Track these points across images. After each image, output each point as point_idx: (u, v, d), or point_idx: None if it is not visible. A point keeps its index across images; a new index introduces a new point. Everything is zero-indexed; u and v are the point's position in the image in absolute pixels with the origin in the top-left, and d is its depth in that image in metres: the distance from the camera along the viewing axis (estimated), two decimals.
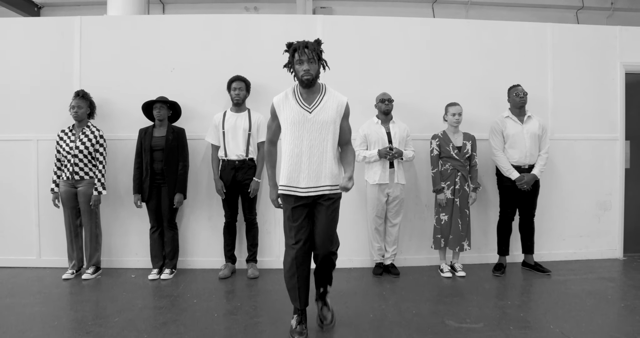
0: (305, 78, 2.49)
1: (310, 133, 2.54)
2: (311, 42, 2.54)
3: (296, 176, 2.57)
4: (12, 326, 2.82)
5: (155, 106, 3.87)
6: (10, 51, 4.24)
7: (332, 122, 2.56)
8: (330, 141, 2.57)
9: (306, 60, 2.47)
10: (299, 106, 2.57)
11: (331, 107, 2.57)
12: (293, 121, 2.56)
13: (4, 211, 4.22)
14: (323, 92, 2.62)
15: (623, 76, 4.53)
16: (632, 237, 4.61)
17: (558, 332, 2.73)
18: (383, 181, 3.88)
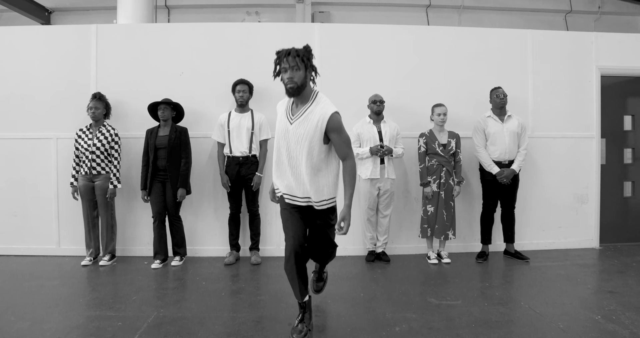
0: (289, 86, 2.37)
1: (288, 144, 2.46)
2: (298, 49, 2.40)
3: (279, 183, 2.59)
4: (42, 302, 3.18)
5: (160, 107, 4.17)
6: (32, 57, 4.59)
7: (306, 138, 2.39)
8: (305, 156, 2.42)
9: (289, 67, 2.35)
10: (284, 116, 2.51)
11: (311, 121, 2.40)
12: (278, 130, 2.52)
13: (26, 203, 4.58)
14: (311, 102, 2.46)
15: (599, 78, 4.87)
16: (607, 228, 4.95)
17: (527, 307, 3.08)
18: (374, 176, 4.19)
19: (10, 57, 4.60)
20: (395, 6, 8.48)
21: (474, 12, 8.67)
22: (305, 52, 2.40)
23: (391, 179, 4.26)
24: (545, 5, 8.79)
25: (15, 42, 4.62)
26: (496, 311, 3.01)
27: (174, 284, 3.64)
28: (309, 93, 2.46)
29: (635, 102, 5.08)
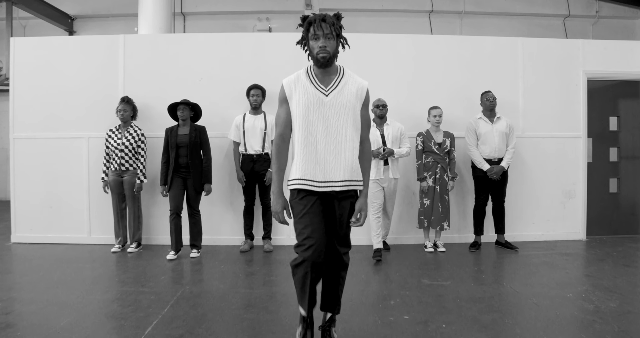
0: (321, 56, 2.16)
1: (326, 119, 2.21)
2: (329, 15, 2.19)
3: (312, 169, 2.22)
4: (83, 280, 3.66)
5: (179, 107, 4.45)
6: (66, 64, 5.08)
7: (351, 107, 2.23)
8: (349, 128, 2.23)
9: (322, 35, 2.15)
10: (314, 87, 2.24)
11: (350, 91, 2.25)
12: (307, 103, 2.22)
13: (60, 196, 5.07)
14: (341, 74, 2.29)
15: (585, 82, 5.25)
16: (594, 222, 5.32)
17: (509, 287, 3.49)
18: (378, 177, 4.37)
19: (47, 64, 5.09)
20: (399, 12, 8.89)
21: (475, 17, 9.05)
22: (337, 20, 2.21)
23: (395, 179, 4.49)
24: (544, 10, 9.14)
25: (51, 51, 5.12)
26: (480, 289, 3.42)
27: (196, 267, 4.10)
28: (335, 66, 2.30)
29: (620, 105, 5.44)
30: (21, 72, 5.11)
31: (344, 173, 2.22)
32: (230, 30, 8.69)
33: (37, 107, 5.08)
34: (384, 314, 2.92)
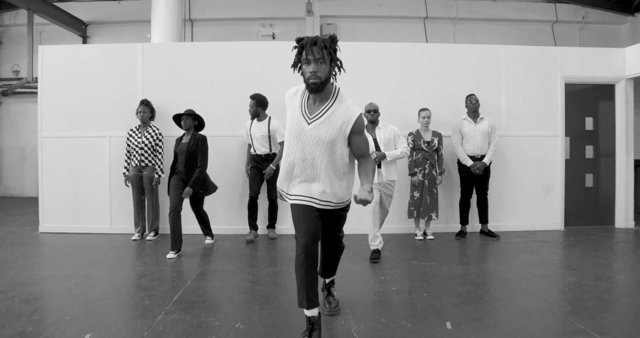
0: (312, 82, 2.16)
1: (304, 146, 2.27)
2: (322, 38, 2.16)
3: (287, 184, 2.43)
4: (111, 261, 4.16)
5: (183, 117, 4.61)
6: (90, 69, 5.58)
7: (329, 142, 2.24)
8: (325, 159, 2.26)
9: (313, 60, 2.14)
10: (300, 112, 2.28)
11: (334, 123, 2.23)
12: (290, 128, 2.32)
13: (84, 190, 5.57)
14: (332, 101, 2.26)
15: (563, 86, 5.74)
16: (571, 213, 5.81)
17: (485, 266, 3.99)
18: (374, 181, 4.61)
19: (72, 70, 5.59)
20: (396, 18, 9.39)
21: (467, 23, 9.54)
22: (331, 43, 2.19)
23: (390, 181, 4.41)
24: (534, 16, 9.62)
25: (75, 57, 5.62)
26: (460, 269, 3.92)
27: (209, 251, 4.60)
28: (330, 90, 2.27)
29: (595, 106, 5.93)
30: (48, 77, 5.61)
31: (321, 195, 2.33)
32: (235, 35, 9.23)
33: (63, 108, 5.58)
34: (374, 286, 3.42)
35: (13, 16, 9.63)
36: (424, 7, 9.33)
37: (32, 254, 4.51)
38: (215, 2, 9.31)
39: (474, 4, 9.49)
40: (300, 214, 2.35)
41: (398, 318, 2.76)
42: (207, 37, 9.28)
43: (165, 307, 2.98)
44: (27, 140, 9.79)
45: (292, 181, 2.39)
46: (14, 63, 9.78)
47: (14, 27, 9.75)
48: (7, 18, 9.66)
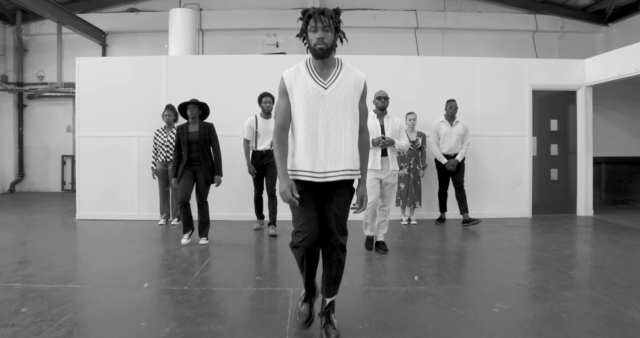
0: (319, 47, 2.26)
1: (326, 112, 2.31)
2: (328, 9, 2.28)
3: (312, 160, 2.33)
4: (143, 241, 5.03)
5: (189, 106, 4.74)
6: (121, 78, 6.46)
7: (350, 100, 2.35)
8: (349, 120, 2.35)
9: (321, 27, 2.25)
10: (313, 81, 2.34)
11: (349, 84, 2.35)
12: (307, 97, 2.32)
13: (115, 183, 6.44)
14: (339, 67, 2.39)
15: (530, 92, 6.61)
16: (538, 203, 6.69)
17: (454, 243, 4.86)
18: (375, 167, 4.30)
19: (105, 78, 6.47)
20: (389, 28, 10.25)
21: (455, 32, 10.40)
22: (336, 14, 2.31)
23: (393, 171, 4.43)
24: (516, 26, 10.47)
25: (108, 68, 6.50)
26: (433, 244, 4.80)
27: (224, 234, 5.46)
28: (334, 58, 2.39)
29: (559, 110, 6.81)
30: (84, 85, 6.48)
31: (344, 162, 2.32)
32: (242, 44, 10.10)
33: (97, 112, 6.45)
34: (361, 255, 4.29)
35: (38, 26, 10.48)
36: (414, 18, 10.20)
37: (77, 235, 5.39)
38: (224, 14, 10.17)
39: (460, 15, 10.35)
40: (303, 210, 2.36)
41: (379, 274, 3.63)
42: (217, 45, 10.15)
43: (200, 267, 3.85)
44: (50, 140, 10.64)
45: (315, 157, 2.33)
46: (38, 69, 10.62)
47: (38, 36, 10.60)
48: (33, 28, 10.51)
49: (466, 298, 3.13)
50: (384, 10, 10.22)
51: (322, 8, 2.28)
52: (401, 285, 3.39)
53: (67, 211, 7.30)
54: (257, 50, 10.08)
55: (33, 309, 2.89)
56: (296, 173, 2.37)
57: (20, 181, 10.48)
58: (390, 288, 3.32)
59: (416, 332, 2.56)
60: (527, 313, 2.84)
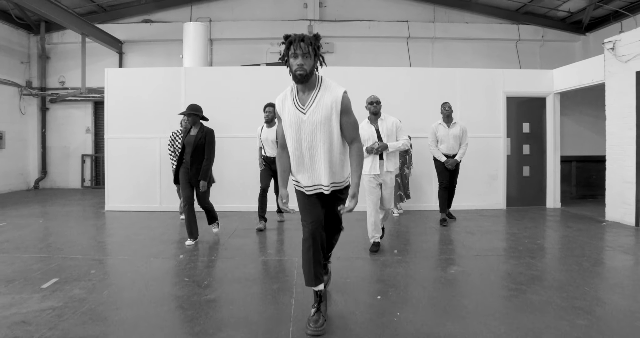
0: (299, 73, 2.41)
1: (307, 135, 2.51)
2: (308, 35, 2.42)
3: (302, 176, 2.66)
4: (172, 227, 5.93)
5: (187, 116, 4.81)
6: (144, 86, 7.35)
7: (325, 122, 2.49)
8: (326, 141, 2.52)
9: (300, 54, 2.38)
10: (294, 107, 2.53)
11: (325, 105, 2.48)
12: (291, 123, 2.53)
13: (140, 178, 7.33)
14: (318, 88, 2.52)
15: (505, 99, 7.50)
16: (512, 197, 7.58)
17: (432, 226, 5.75)
18: (374, 172, 4.41)
19: (130, 87, 7.36)
20: (383, 37, 11.13)
21: (444, 41, 11.28)
22: (315, 40, 2.45)
23: (391, 173, 4.50)
24: (500, 35, 11.35)
25: (133, 77, 7.39)
26: (414, 229, 5.69)
27: (235, 224, 6.35)
28: (314, 79, 2.53)
29: (530, 114, 7.70)
30: (112, 92, 7.38)
31: (328, 178, 2.60)
32: (248, 52, 10.99)
33: (124, 116, 7.35)
34: (357, 237, 5.19)
35: (60, 35, 11.37)
36: (406, 29, 11.08)
37: (111, 222, 6.29)
38: (231, 25, 11.05)
39: (449, 26, 11.23)
40: (307, 203, 2.68)
41: (366, 249, 4.53)
42: (225, 53, 11.04)
43: (228, 237, 4.75)
44: (71, 140, 11.52)
45: (304, 173, 2.64)
46: (60, 75, 11.51)
47: (60, 45, 11.48)
48: (55, 37, 11.40)
49: (431, 263, 4.03)
50: (378, 21, 11.10)
51: (302, 35, 2.44)
52: (383, 256, 4.28)
53: (93, 204, 8.19)
54: (261, 58, 10.96)
55: (99, 271, 3.80)
56: (296, 185, 2.78)
57: (43, 178, 11.37)
58: (375, 257, 4.22)
59: (389, 281, 3.45)
60: (475, 271, 3.75)
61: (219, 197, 6.92)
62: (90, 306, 3.00)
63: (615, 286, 3.39)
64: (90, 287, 3.38)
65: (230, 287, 3.40)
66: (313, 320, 2.60)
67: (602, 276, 3.67)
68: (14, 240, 5.01)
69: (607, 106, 6.34)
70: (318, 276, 2.69)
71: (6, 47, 10.56)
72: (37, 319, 2.75)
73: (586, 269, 3.84)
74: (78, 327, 2.66)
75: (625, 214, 5.95)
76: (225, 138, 7.04)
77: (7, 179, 10.49)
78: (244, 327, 2.68)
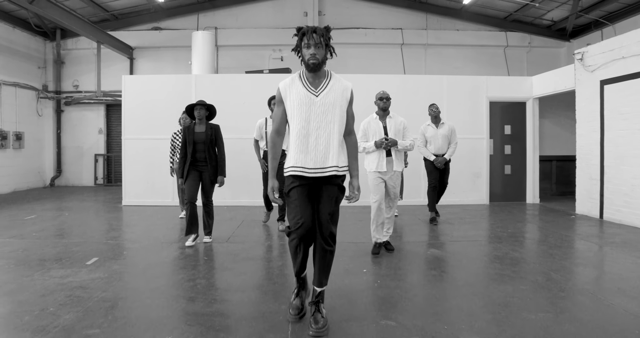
0: (312, 62, 2.52)
1: (317, 115, 2.58)
2: (320, 27, 2.54)
3: (303, 157, 2.62)
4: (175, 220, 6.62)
5: (196, 107, 4.79)
6: (158, 92, 8.05)
7: (338, 105, 2.62)
8: (336, 123, 2.62)
9: (313, 44, 2.50)
10: (305, 89, 2.60)
11: (337, 91, 2.62)
12: (300, 103, 2.59)
13: (154, 176, 8.01)
14: (329, 77, 2.65)
15: (488, 103, 8.19)
16: (494, 193, 8.28)
17: (420, 219, 6.44)
18: (380, 169, 4.30)
19: (145, 92, 8.06)
20: (378, 44, 11.82)
21: (436, 48, 11.97)
22: (326, 32, 2.57)
23: (398, 172, 4.43)
24: (489, 42, 12.03)
25: (148, 83, 8.10)
26: (409, 222, 6.38)
27: (243, 216, 7.05)
28: (324, 70, 2.66)
29: (511, 117, 8.39)
30: (129, 97, 8.08)
31: (332, 160, 2.61)
32: (252, 58, 11.68)
33: (139, 119, 8.05)
34: (351, 223, 5.89)
35: (74, 42, 12.06)
36: (400, 36, 11.77)
37: (129, 215, 6.99)
38: (236, 32, 11.74)
39: (441, 33, 11.92)
40: (297, 196, 2.64)
41: (356, 235, 5.23)
42: (230, 59, 11.73)
43: (237, 227, 5.45)
44: (84, 140, 12.21)
45: (307, 154, 2.62)
46: (74, 79, 12.20)
47: (74, 51, 12.17)
48: (69, 44, 12.09)
49: (412, 247, 4.73)
50: (374, 28, 11.80)
51: (314, 26, 2.58)
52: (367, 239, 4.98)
53: (108, 200, 8.89)
54: (264, 63, 11.65)
55: (131, 252, 4.51)
56: (291, 169, 2.67)
57: (58, 177, 12.07)
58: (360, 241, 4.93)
59: (374, 261, 4.16)
60: (449, 252, 4.45)
61: (227, 192, 7.61)
62: (130, 276, 3.71)
63: (563, 262, 4.09)
64: (127, 263, 4.09)
65: (244, 262, 4.11)
66: (294, 306, 2.77)
67: (554, 256, 4.36)
68: (49, 228, 5.72)
69: (577, 110, 7.04)
70: (301, 267, 2.80)
71: (25, 53, 11.26)
72: (91, 285, 3.45)
73: (543, 251, 4.54)
74: (125, 290, 3.36)
75: (592, 208, 6.64)
76: (233, 139, 7.72)
77: (26, 177, 11.19)
78: (256, 289, 3.38)
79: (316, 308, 2.67)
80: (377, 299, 3.21)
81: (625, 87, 5.91)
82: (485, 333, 2.60)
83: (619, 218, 6.06)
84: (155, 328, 2.67)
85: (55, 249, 4.61)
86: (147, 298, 3.20)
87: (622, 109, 6.00)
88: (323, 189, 2.68)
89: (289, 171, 2.67)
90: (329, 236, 2.66)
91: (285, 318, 2.82)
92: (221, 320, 2.80)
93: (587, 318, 2.80)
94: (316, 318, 2.60)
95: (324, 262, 2.69)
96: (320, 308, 2.67)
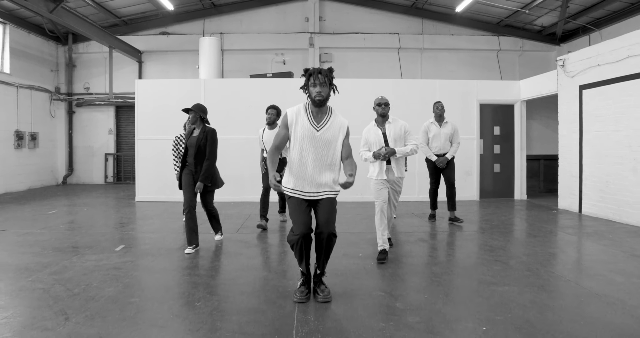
0: (318, 99, 2.92)
1: (315, 148, 2.95)
2: (324, 69, 2.94)
3: (301, 183, 3.03)
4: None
5: (190, 112, 4.76)
6: (168, 95, 8.59)
7: (334, 140, 3.01)
8: (331, 156, 3.02)
9: (319, 83, 2.90)
10: (309, 124, 2.97)
11: (335, 128, 3.01)
12: (303, 136, 2.96)
13: (165, 174, 8.55)
14: (330, 114, 3.04)
15: (478, 106, 8.74)
16: (485, 190, 8.82)
17: (412, 214, 6.99)
18: (381, 177, 4.26)
19: (157, 95, 8.61)
20: (376, 48, 12.35)
21: (432, 51, 12.50)
22: (329, 73, 3.01)
23: (400, 178, 4.39)
24: (482, 46, 12.56)
25: (159, 87, 8.64)
26: (404, 222, 6.93)
27: (245, 216, 7.59)
28: (327, 106, 3.07)
29: (500, 119, 8.93)
30: (142, 100, 8.62)
31: (325, 186, 3.05)
32: (255, 62, 12.22)
33: (151, 121, 8.59)
34: (347, 216, 6.43)
35: (85, 46, 12.60)
36: (397, 40, 12.30)
37: (143, 210, 7.54)
38: (240, 37, 12.28)
39: (436, 37, 12.46)
40: (297, 208, 3.05)
41: (354, 226, 5.77)
42: (235, 62, 12.26)
43: (245, 220, 6.00)
44: (95, 140, 12.76)
45: (303, 181, 3.04)
46: (85, 81, 12.74)
47: (84, 54, 12.71)
48: (80, 48, 12.63)
49: (406, 238, 5.27)
50: (372, 33, 12.33)
51: (319, 68, 3.00)
52: (366, 231, 5.53)
53: (120, 196, 9.43)
54: (267, 67, 12.18)
55: (152, 241, 5.06)
56: (290, 191, 3.08)
57: (70, 175, 12.61)
58: (357, 231, 5.47)
59: (368, 247, 4.70)
60: (438, 240, 4.99)
61: (234, 190, 8.15)
62: (156, 259, 4.26)
63: (535, 248, 4.63)
64: (151, 249, 4.64)
65: (255, 248, 4.65)
66: (299, 291, 3.15)
67: (529, 244, 4.91)
68: (74, 221, 6.27)
69: (559, 112, 7.58)
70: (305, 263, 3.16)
71: (39, 57, 11.81)
72: (124, 266, 4.00)
73: (519, 239, 5.09)
74: (154, 269, 3.92)
75: (572, 203, 7.19)
76: (242, 139, 8.28)
77: (40, 176, 11.74)
78: (263, 269, 3.93)
79: (320, 281, 3.21)
80: (370, 276, 3.76)
81: (600, 92, 6.45)
82: (457, 301, 3.14)
83: (595, 211, 6.61)
84: (187, 296, 3.22)
85: (84, 238, 5.16)
86: (173, 275, 3.75)
87: (597, 112, 6.54)
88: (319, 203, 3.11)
89: (288, 192, 3.10)
90: (329, 234, 3.04)
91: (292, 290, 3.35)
92: (238, 289, 3.36)
93: (546, 291, 3.34)
94: (322, 288, 3.16)
95: (325, 251, 3.12)
96: (323, 281, 3.22)
